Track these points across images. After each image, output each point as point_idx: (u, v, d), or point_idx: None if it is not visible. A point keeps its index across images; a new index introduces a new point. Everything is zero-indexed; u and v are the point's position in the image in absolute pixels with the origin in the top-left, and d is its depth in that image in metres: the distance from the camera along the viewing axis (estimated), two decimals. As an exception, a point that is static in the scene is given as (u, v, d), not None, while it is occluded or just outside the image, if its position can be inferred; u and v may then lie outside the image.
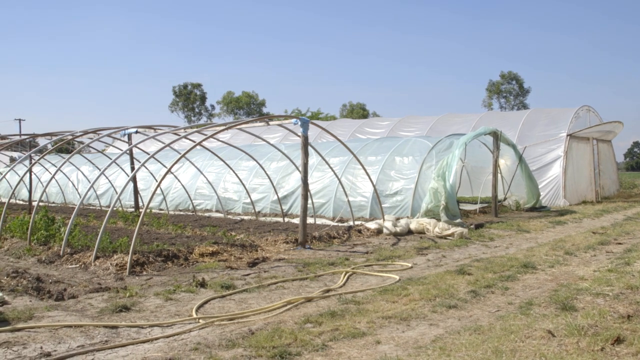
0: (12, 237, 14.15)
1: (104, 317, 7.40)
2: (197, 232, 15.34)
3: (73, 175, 28.36)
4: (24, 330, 6.84)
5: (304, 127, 13.50)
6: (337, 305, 7.90)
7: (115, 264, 10.60)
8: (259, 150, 22.62)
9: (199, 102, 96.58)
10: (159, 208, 23.28)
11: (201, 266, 10.89)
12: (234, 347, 6.08)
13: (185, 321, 7.19)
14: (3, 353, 6.03)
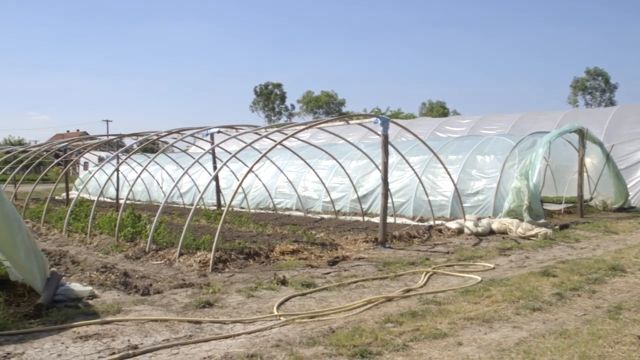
0: (100, 233, 14.66)
1: (188, 313, 7.57)
2: (277, 231, 15.50)
3: (158, 174, 29.13)
4: (112, 323, 7.08)
5: (384, 126, 13.45)
6: (418, 305, 7.83)
7: (198, 260, 10.83)
8: (339, 149, 22.66)
9: (279, 102, 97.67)
10: (240, 206, 23.63)
11: (282, 264, 11.00)
12: (314, 345, 6.11)
13: (267, 318, 7.28)
14: (93, 344, 6.26)
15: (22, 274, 8.14)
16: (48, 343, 6.32)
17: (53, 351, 6.05)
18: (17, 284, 8.46)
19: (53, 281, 8.20)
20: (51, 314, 7.40)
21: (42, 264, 8.11)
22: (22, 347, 6.19)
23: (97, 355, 5.90)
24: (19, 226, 7.79)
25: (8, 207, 7.73)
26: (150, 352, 6.00)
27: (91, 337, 6.50)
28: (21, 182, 26.48)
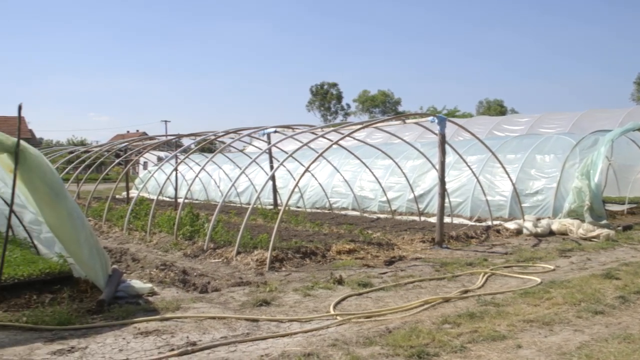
0: (160, 231, 14.92)
1: (245, 311, 7.65)
2: (333, 230, 15.51)
3: (215, 174, 29.48)
4: (171, 319, 7.20)
5: (441, 125, 13.33)
6: (476, 306, 7.73)
7: (255, 259, 10.92)
8: (395, 149, 22.54)
9: (335, 101, 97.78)
10: (297, 206, 23.73)
11: (338, 263, 11.00)
12: (371, 344, 6.10)
13: (323, 317, 7.29)
14: (153, 340, 6.38)
15: (85, 271, 8.35)
16: (110, 338, 6.47)
17: (115, 346, 6.18)
18: (80, 281, 8.69)
19: (114, 278, 8.38)
20: (113, 310, 7.57)
21: (104, 261, 8.30)
22: (85, 341, 6.35)
23: (157, 351, 6.01)
24: (82, 224, 7.99)
25: (72, 205, 7.94)
26: (209, 349, 6.08)
27: (151, 333, 6.63)
28: (83, 182, 27.15)
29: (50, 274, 8.59)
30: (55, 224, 8.01)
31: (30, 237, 10.68)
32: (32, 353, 5.98)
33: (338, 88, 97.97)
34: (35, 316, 7.17)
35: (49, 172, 7.78)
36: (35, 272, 8.53)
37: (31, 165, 7.62)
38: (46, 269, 8.69)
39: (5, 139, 7.53)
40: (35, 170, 7.64)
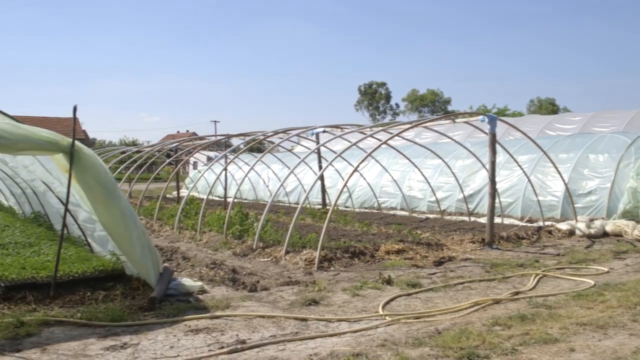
0: (210, 230, 15.08)
1: (294, 310, 7.68)
2: (382, 230, 15.47)
3: (264, 173, 29.67)
4: (221, 318, 7.27)
5: (491, 124, 13.17)
6: (527, 308, 7.61)
7: (304, 259, 10.96)
8: (444, 148, 22.34)
9: (384, 101, 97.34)
10: (345, 205, 23.72)
11: (387, 263, 10.96)
12: (420, 345, 6.05)
13: (372, 317, 7.27)
14: (203, 338, 6.46)
15: (137, 269, 8.50)
16: (161, 335, 6.56)
17: (166, 343, 6.28)
18: (132, 278, 8.85)
19: (166, 276, 8.51)
20: (164, 307, 7.69)
21: (156, 260, 8.43)
22: (137, 337, 6.46)
23: (207, 349, 6.08)
24: (134, 223, 8.13)
25: (125, 204, 8.09)
26: (258, 347, 6.12)
27: (201, 331, 6.71)
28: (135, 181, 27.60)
29: (103, 272, 8.76)
30: (108, 222, 8.18)
31: (85, 235, 10.92)
32: (87, 348, 6.11)
33: (387, 87, 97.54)
34: (89, 312, 7.33)
35: (102, 171, 7.94)
36: (89, 269, 8.72)
37: (85, 165, 7.79)
38: (100, 266, 8.87)
39: (61, 139, 7.71)
40: (90, 170, 7.81)
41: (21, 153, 8.81)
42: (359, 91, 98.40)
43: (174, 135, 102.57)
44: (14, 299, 7.88)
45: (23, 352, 5.98)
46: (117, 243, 8.49)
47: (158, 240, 14.82)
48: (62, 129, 47.57)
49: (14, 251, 10.34)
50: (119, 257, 9.10)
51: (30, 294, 7.99)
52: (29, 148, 7.76)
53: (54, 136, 7.70)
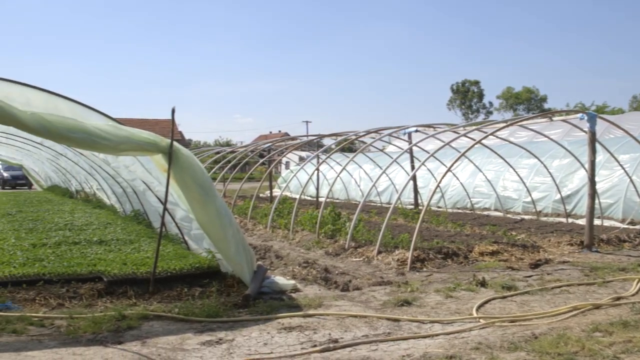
0: (302, 229, 15.23)
1: (386, 310, 7.65)
2: (475, 231, 15.21)
3: (355, 173, 29.67)
4: (314, 316, 7.33)
5: (590, 122, 12.71)
6: (630, 314, 7.29)
7: (396, 259, 10.90)
8: (540, 147, 21.72)
9: (477, 100, 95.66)
10: (437, 205, 23.45)
11: (480, 265, 10.77)
12: (515, 350, 5.91)
13: (466, 320, 7.16)
14: (296, 336, 6.53)
15: (232, 266, 8.68)
16: (255, 332, 6.68)
17: (260, 340, 6.38)
18: (227, 276, 9.05)
19: (259, 274, 8.65)
20: (257, 304, 7.81)
21: (250, 258, 8.59)
22: (232, 334, 6.60)
23: (299, 347, 6.14)
24: (229, 221, 8.31)
25: (220, 203, 8.29)
26: (350, 346, 6.13)
27: (294, 329, 6.78)
28: (229, 181, 28.22)
29: (199, 269, 9.01)
30: (204, 221, 8.40)
31: (182, 233, 11.24)
32: (184, 343, 6.29)
33: (479, 86, 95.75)
34: (186, 308, 7.54)
35: (199, 171, 8.16)
36: (186, 266, 8.98)
37: (183, 165, 8.02)
38: (196, 263, 9.12)
39: (160, 140, 7.98)
40: (187, 170, 8.04)
41: (123, 154, 9.18)
42: (451, 90, 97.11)
43: (266, 135, 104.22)
44: (115, 294, 8.21)
45: (124, 345, 6.21)
46: (213, 241, 8.71)
47: (252, 239, 15.07)
48: (160, 130, 49.15)
49: (116, 247, 10.77)
50: (214, 254, 9.33)
51: (131, 289, 8.30)
52: (130, 149, 8.07)
53: (154, 137, 7.97)
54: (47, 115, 7.50)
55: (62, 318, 7.12)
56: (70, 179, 26.25)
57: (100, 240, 11.54)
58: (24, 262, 9.27)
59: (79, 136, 7.58)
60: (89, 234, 12.33)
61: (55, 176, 30.35)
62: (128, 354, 5.89)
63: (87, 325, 6.75)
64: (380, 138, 19.82)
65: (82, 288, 8.26)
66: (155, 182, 10.87)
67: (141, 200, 14.70)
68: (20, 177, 42.07)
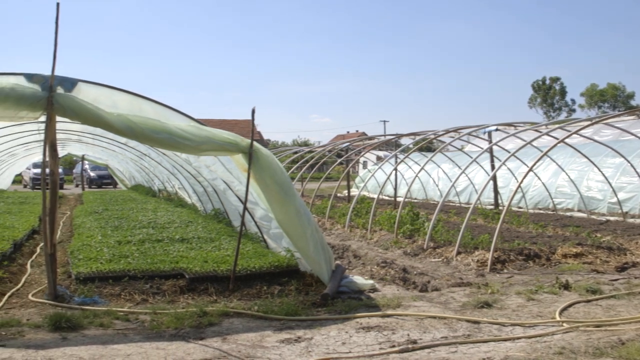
0: (380, 229, 15.19)
1: (465, 312, 7.55)
2: (558, 232, 14.82)
3: (434, 173, 29.38)
4: (392, 316, 7.31)
5: (682, 120, 12.19)
6: None
7: (476, 260, 10.75)
8: (627, 146, 20.95)
9: (559, 97, 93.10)
10: (518, 206, 22.95)
11: (563, 267, 10.49)
12: (601, 355, 5.73)
13: (548, 323, 6.98)
14: (375, 336, 6.52)
15: (311, 265, 8.75)
16: (333, 331, 6.70)
17: (338, 339, 6.40)
18: (305, 274, 9.12)
19: (337, 273, 8.68)
20: (336, 303, 7.84)
21: (328, 257, 8.63)
22: (310, 332, 6.64)
23: (378, 347, 6.13)
24: (308, 221, 8.38)
25: (299, 203, 8.37)
26: (429, 348, 6.07)
27: (373, 329, 6.77)
28: (307, 180, 28.41)
29: (278, 267, 9.11)
30: (284, 219, 8.49)
31: (261, 232, 11.39)
32: (263, 340, 6.37)
33: (562, 83, 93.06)
34: (265, 306, 7.64)
35: (279, 171, 8.25)
36: (265, 264, 9.10)
37: (263, 165, 8.14)
38: (275, 262, 9.23)
39: (240, 140, 8.11)
40: (267, 170, 8.15)
41: (204, 154, 9.37)
42: (532, 87, 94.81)
43: (344, 135, 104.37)
44: (197, 290, 8.40)
45: (205, 340, 6.35)
46: (292, 240, 8.80)
47: (330, 238, 15.14)
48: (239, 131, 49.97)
49: (197, 245, 11.00)
50: (293, 253, 9.41)
51: (212, 286, 8.47)
52: (211, 149, 8.24)
53: (234, 137, 8.12)
54: (132, 117, 7.75)
55: (146, 313, 7.35)
56: (153, 179, 26.98)
57: (182, 238, 11.80)
58: (110, 258, 9.58)
59: (162, 137, 7.80)
60: (171, 232, 12.63)
61: (138, 175, 31.27)
62: (209, 350, 6.02)
63: (169, 320, 6.94)
64: (460, 137, 19.57)
65: (165, 284, 8.49)
66: (236, 181, 11.05)
67: (221, 199, 14.97)
68: (105, 177, 43.46)
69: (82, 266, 9.01)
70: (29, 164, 36.15)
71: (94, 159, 33.44)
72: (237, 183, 11.09)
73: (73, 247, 10.81)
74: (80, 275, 8.63)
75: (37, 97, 7.40)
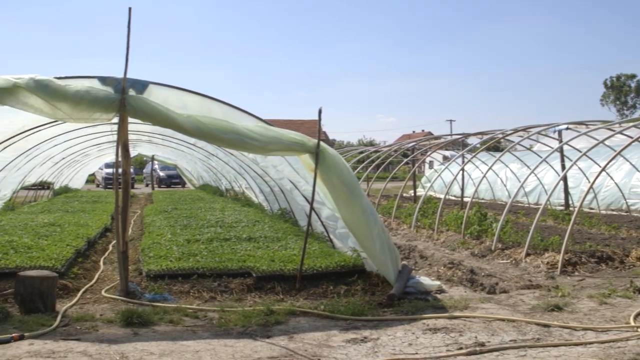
0: (447, 230, 15.04)
1: (535, 315, 7.40)
2: (632, 234, 14.36)
3: (501, 173, 28.89)
4: (459, 318, 7.22)
5: None
6: None
7: (545, 262, 10.53)
8: None
9: (634, 95, 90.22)
10: (589, 207, 22.33)
11: (638, 271, 10.15)
12: (679, 362, 5.53)
13: (622, 328, 6.77)
14: (442, 337, 6.46)
15: (377, 265, 8.73)
16: (400, 332, 6.67)
17: (404, 340, 6.37)
18: (372, 274, 9.10)
19: (404, 274, 8.64)
20: (402, 304, 7.81)
21: (395, 257, 8.60)
22: (376, 332, 6.63)
23: (445, 348, 6.07)
24: (374, 221, 8.37)
25: (366, 202, 8.37)
26: (497, 351, 5.98)
27: (439, 330, 6.71)
28: (373, 180, 28.35)
29: (344, 267, 9.12)
30: (350, 219, 8.50)
31: (327, 232, 11.43)
32: (329, 339, 6.39)
33: (637, 80, 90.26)
34: (332, 305, 7.66)
35: (345, 171, 8.27)
36: (331, 264, 9.12)
37: (330, 164, 8.16)
38: (341, 262, 9.24)
39: (307, 140, 8.16)
40: (333, 170, 8.17)
41: (271, 154, 9.47)
42: (604, 85, 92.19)
43: (409, 135, 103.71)
44: (263, 289, 8.50)
45: (272, 339, 6.41)
46: (358, 240, 8.79)
47: (396, 239, 15.07)
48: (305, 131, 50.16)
49: (264, 245, 11.11)
50: (359, 253, 9.41)
51: (278, 285, 8.56)
52: (278, 149, 8.32)
53: (301, 137, 8.17)
54: (202, 118, 7.89)
55: (214, 311, 7.47)
56: (221, 178, 27.37)
57: (249, 237, 11.93)
58: (180, 256, 9.77)
59: (231, 137, 7.91)
60: (239, 231, 12.79)
61: (206, 175, 31.78)
62: (276, 348, 6.07)
63: (237, 318, 7.04)
64: (529, 136, 19.17)
65: (232, 283, 8.62)
66: (302, 181, 11.11)
67: (288, 199, 15.08)
68: (174, 177, 44.29)
69: (153, 264, 9.23)
70: (101, 164, 37.22)
71: (163, 159, 34.19)
72: (303, 183, 11.15)
73: (144, 245, 11.09)
74: (151, 272, 8.85)
75: (110, 99, 7.62)
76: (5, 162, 15.70)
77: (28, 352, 5.85)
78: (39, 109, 7.67)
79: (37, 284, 7.28)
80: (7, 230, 12.55)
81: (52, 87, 7.45)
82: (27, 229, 12.94)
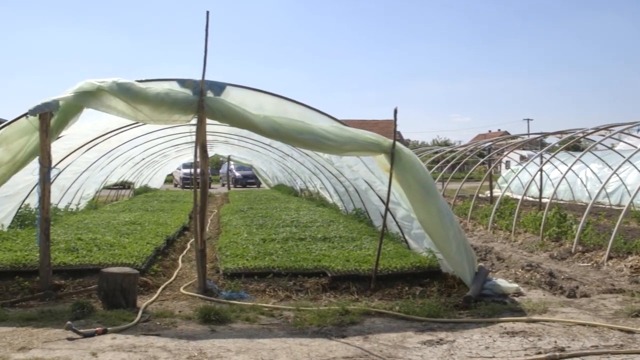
0: (525, 231, 14.74)
1: (618, 320, 7.17)
2: None
3: (581, 173, 28.09)
4: (538, 322, 7.07)
5: None
6: None
7: (629, 265, 10.19)
8: None
9: None
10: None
11: None
12: None
13: None
14: (519, 341, 6.34)
15: (453, 266, 8.63)
16: (476, 334, 6.58)
17: (481, 342, 6.28)
18: (447, 276, 9.01)
19: (480, 276, 8.51)
20: (479, 307, 7.69)
21: (471, 259, 8.48)
22: (452, 335, 6.56)
23: (523, 352, 5.96)
24: (450, 221, 8.28)
25: (441, 203, 8.29)
26: (578, 356, 5.84)
27: (517, 334, 6.59)
28: (449, 181, 28.03)
29: (420, 268, 9.05)
30: (426, 220, 8.43)
31: (402, 232, 11.37)
32: (404, 341, 6.36)
33: None
34: (407, 306, 7.61)
35: (421, 171, 8.21)
36: (406, 265, 9.07)
37: (405, 165, 8.13)
38: (416, 262, 9.18)
39: (383, 140, 8.15)
40: (409, 170, 8.13)
41: (346, 154, 9.50)
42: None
43: (485, 134, 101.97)
44: (338, 289, 8.52)
45: (347, 339, 6.42)
46: (434, 240, 8.71)
47: (472, 240, 14.85)
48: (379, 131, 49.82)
49: (339, 245, 11.13)
50: (435, 254, 9.32)
51: (353, 285, 8.57)
52: (353, 149, 8.34)
53: (377, 138, 8.17)
54: (278, 118, 7.99)
55: (290, 310, 7.54)
56: (296, 178, 27.58)
57: (324, 237, 11.98)
58: (256, 255, 9.90)
59: (306, 137, 7.98)
60: (314, 231, 12.86)
61: (281, 175, 32.08)
62: (351, 348, 6.08)
63: (312, 317, 7.08)
64: (611, 135, 18.57)
65: (307, 282, 8.67)
66: (377, 181, 11.09)
67: (362, 199, 15.07)
68: (250, 177, 44.82)
69: (229, 262, 9.38)
70: (179, 165, 38.05)
71: (239, 160, 34.67)
72: (378, 183, 11.13)
73: (220, 243, 11.29)
74: (228, 270, 9.00)
75: (189, 101, 7.82)
76: (89, 162, 16.28)
77: (111, 346, 6.04)
78: (121, 111, 7.94)
79: (119, 280, 7.51)
80: (91, 228, 13.00)
81: (133, 90, 7.69)
82: (109, 227, 13.39)
